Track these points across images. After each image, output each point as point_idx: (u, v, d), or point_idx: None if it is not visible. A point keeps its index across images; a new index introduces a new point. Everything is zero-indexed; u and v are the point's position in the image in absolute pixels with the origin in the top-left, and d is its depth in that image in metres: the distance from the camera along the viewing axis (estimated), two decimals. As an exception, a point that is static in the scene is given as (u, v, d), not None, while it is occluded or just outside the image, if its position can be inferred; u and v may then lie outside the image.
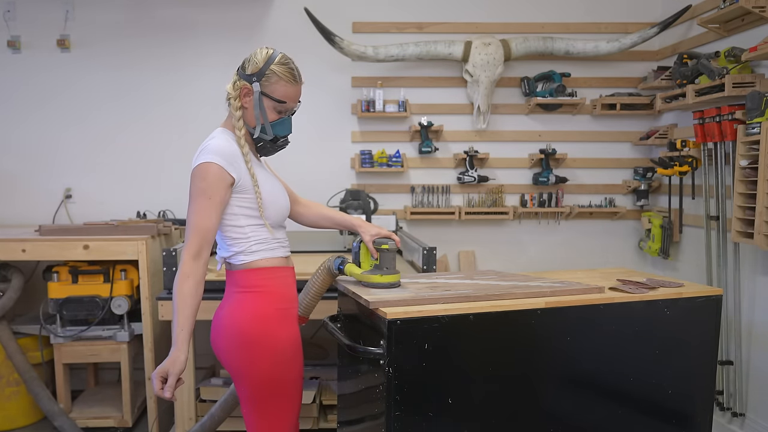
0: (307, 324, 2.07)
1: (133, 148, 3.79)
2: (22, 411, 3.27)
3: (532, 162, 3.87)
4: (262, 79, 1.69)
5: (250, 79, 1.70)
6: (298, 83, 1.73)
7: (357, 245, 1.90)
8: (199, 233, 1.63)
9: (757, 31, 2.91)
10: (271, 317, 1.73)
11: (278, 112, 1.73)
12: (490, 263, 3.93)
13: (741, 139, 2.77)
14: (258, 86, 1.69)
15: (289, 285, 1.81)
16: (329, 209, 2.05)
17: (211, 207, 1.63)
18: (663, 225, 3.62)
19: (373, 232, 1.86)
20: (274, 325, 1.74)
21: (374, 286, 1.80)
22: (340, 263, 1.93)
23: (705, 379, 1.90)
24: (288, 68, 1.71)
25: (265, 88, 1.70)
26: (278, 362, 1.73)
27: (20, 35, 3.70)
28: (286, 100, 1.71)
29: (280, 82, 1.69)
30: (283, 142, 1.79)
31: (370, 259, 1.86)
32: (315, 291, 2.00)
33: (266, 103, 1.71)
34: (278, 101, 1.71)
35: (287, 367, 1.75)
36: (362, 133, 3.87)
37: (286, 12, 3.76)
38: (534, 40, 3.67)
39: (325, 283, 1.99)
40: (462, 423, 1.63)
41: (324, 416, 2.99)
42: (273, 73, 1.69)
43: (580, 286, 1.83)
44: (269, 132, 1.73)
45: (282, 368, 1.74)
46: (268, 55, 1.70)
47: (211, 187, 1.63)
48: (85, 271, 3.08)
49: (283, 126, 1.76)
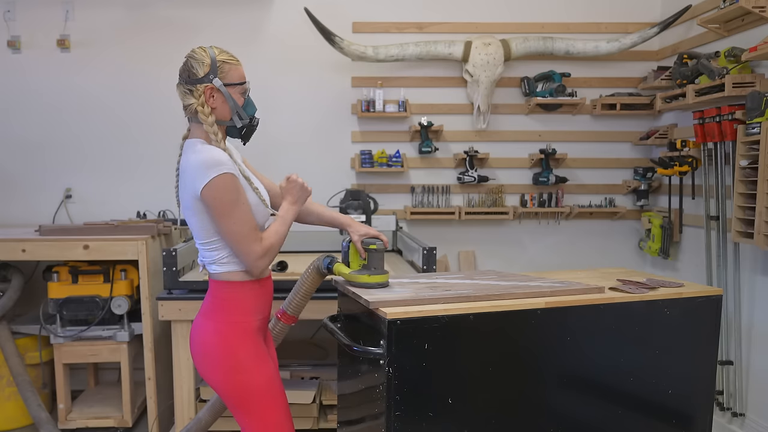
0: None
1: (133, 148, 3.79)
2: (22, 411, 3.26)
3: (532, 162, 3.87)
4: (218, 73, 1.73)
5: (207, 79, 1.73)
6: (240, 62, 1.78)
7: (346, 245, 1.90)
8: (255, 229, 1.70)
9: (757, 31, 2.91)
10: (228, 333, 1.75)
11: (242, 95, 1.78)
12: (490, 263, 3.93)
13: (741, 139, 2.77)
14: (218, 81, 1.73)
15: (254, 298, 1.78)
16: (319, 206, 2.03)
17: (247, 211, 1.69)
18: (663, 225, 3.62)
19: (361, 232, 1.87)
20: (231, 339, 1.74)
21: (362, 286, 1.81)
22: (329, 263, 1.93)
23: (705, 379, 1.90)
24: (229, 54, 1.76)
25: (225, 79, 1.73)
26: (236, 373, 1.74)
27: (20, 35, 3.70)
28: (243, 80, 1.77)
29: (232, 68, 1.75)
30: (257, 121, 1.83)
31: (359, 258, 1.86)
32: (304, 291, 2.01)
33: (231, 91, 1.75)
34: (240, 84, 1.76)
35: (248, 377, 1.74)
36: (362, 133, 3.87)
37: (286, 12, 3.76)
38: (534, 40, 3.67)
39: (314, 282, 2.00)
40: (462, 423, 1.63)
41: (324, 416, 2.99)
42: (223, 63, 1.73)
43: (580, 286, 1.83)
44: (245, 116, 1.77)
45: (242, 378, 1.74)
46: (208, 52, 1.74)
47: (237, 194, 1.67)
48: (85, 271, 3.08)
49: (251, 105, 1.81)
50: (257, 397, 1.76)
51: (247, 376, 1.74)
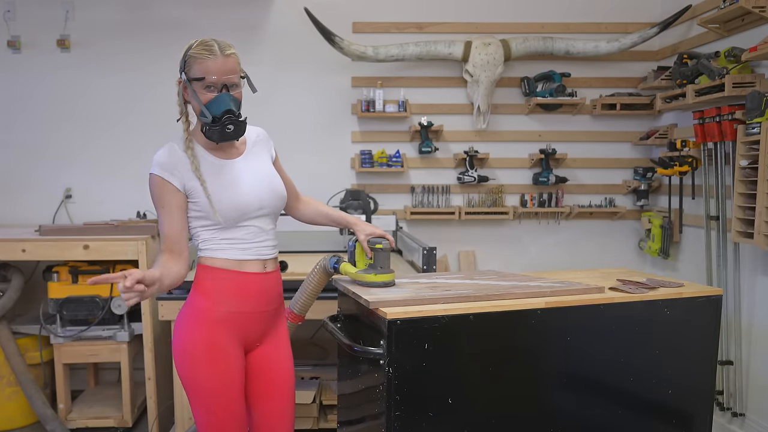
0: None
1: (134, 148, 3.79)
2: (22, 411, 3.27)
3: (532, 162, 3.87)
4: (185, 68, 1.71)
5: (180, 74, 1.74)
6: (216, 56, 1.68)
7: (352, 244, 1.91)
8: (167, 240, 1.72)
9: (757, 31, 2.91)
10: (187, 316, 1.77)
11: (208, 90, 1.70)
12: (490, 263, 3.93)
13: (741, 139, 2.77)
14: (184, 75, 1.72)
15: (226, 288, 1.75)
16: (327, 207, 2.07)
17: (167, 214, 1.72)
18: (663, 225, 3.62)
19: (368, 231, 1.88)
20: (188, 322, 1.75)
21: (369, 285, 1.81)
22: (335, 262, 1.94)
23: (705, 379, 1.90)
24: (203, 46, 1.69)
25: (188, 73, 1.71)
26: (180, 358, 1.75)
27: (20, 35, 3.69)
28: (204, 75, 1.68)
29: (197, 62, 1.68)
30: (228, 120, 1.69)
31: (365, 258, 1.87)
32: (311, 290, 2.03)
33: (195, 87, 1.70)
34: (198, 79, 1.69)
35: (190, 367, 1.73)
36: (362, 133, 3.87)
37: (286, 12, 3.76)
38: (534, 40, 3.67)
39: (320, 282, 2.02)
40: (462, 423, 1.63)
41: (324, 416, 2.99)
42: (190, 57, 1.70)
43: (580, 286, 1.83)
44: (208, 114, 1.70)
45: (186, 365, 1.74)
46: (188, 45, 1.72)
47: (160, 197, 1.72)
48: (85, 271, 3.08)
49: (218, 102, 1.68)
50: (197, 391, 1.74)
51: (189, 365, 1.73)
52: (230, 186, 1.75)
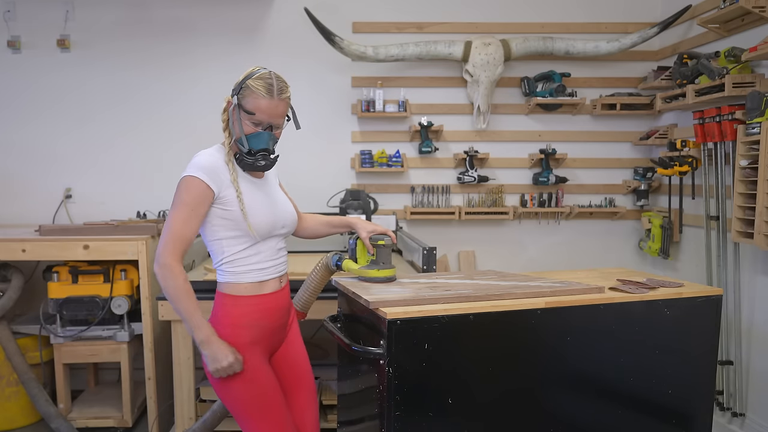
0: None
1: (134, 148, 3.79)
2: (22, 411, 3.27)
3: (532, 162, 3.87)
4: (240, 92, 1.76)
5: (232, 92, 1.79)
6: (272, 97, 1.74)
7: (353, 242, 1.99)
8: (182, 240, 1.72)
9: (757, 31, 2.91)
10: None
11: (254, 125, 1.77)
12: (490, 263, 3.93)
13: (741, 139, 2.77)
14: (236, 99, 1.77)
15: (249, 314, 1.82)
16: (324, 216, 2.15)
17: (192, 218, 1.73)
18: (663, 225, 3.62)
19: (369, 229, 1.96)
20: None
21: (372, 281, 1.88)
22: (337, 259, 2.02)
23: (705, 379, 1.90)
24: (264, 83, 1.74)
25: (241, 101, 1.76)
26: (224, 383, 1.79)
27: (20, 35, 3.70)
28: (255, 112, 1.74)
29: (252, 95, 1.74)
30: (262, 156, 1.79)
31: (367, 254, 1.95)
32: (313, 287, 2.09)
33: (242, 115, 1.77)
34: (247, 112, 1.75)
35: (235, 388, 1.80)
36: (362, 133, 3.87)
37: (286, 12, 3.76)
38: (534, 40, 3.67)
39: (323, 279, 2.08)
40: (462, 423, 1.63)
41: (324, 416, 2.99)
42: (247, 87, 1.75)
43: (580, 286, 1.83)
44: (245, 144, 1.77)
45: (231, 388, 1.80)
46: (250, 71, 1.77)
47: (195, 200, 1.72)
48: (85, 271, 3.08)
49: (257, 139, 1.77)
50: (245, 408, 1.80)
51: (234, 387, 1.79)
52: (263, 201, 1.83)
